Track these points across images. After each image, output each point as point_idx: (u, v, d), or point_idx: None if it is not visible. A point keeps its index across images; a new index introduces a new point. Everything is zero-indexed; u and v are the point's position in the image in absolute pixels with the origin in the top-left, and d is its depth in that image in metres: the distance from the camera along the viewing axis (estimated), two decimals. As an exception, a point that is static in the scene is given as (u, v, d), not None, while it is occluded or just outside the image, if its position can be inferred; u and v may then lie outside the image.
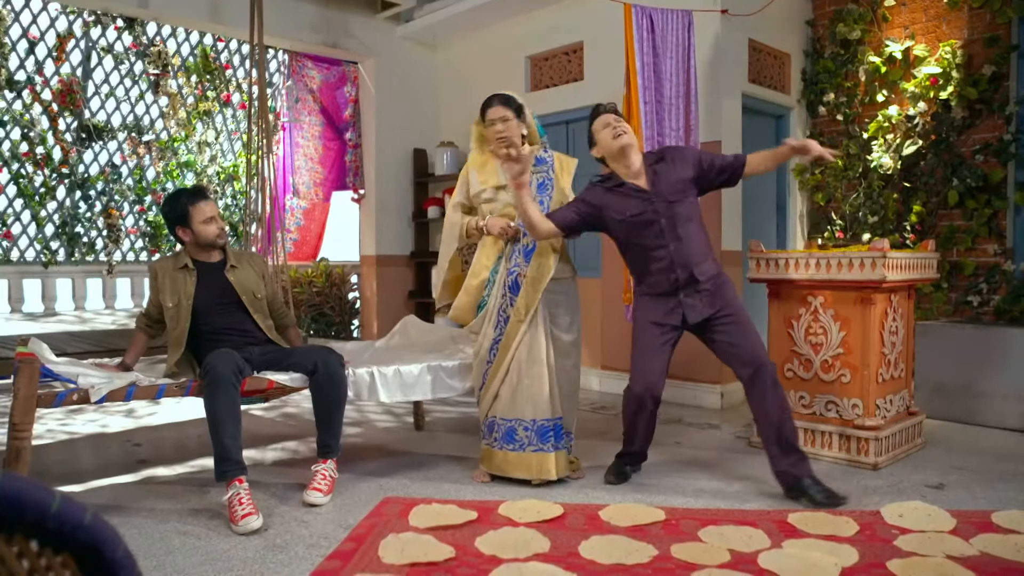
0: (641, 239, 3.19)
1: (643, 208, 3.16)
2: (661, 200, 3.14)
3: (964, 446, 3.97)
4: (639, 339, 3.29)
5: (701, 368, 5.13)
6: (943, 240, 5.12)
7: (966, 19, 5.10)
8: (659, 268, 3.17)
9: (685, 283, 3.15)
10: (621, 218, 3.20)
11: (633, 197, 3.19)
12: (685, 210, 3.17)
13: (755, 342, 3.12)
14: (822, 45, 5.77)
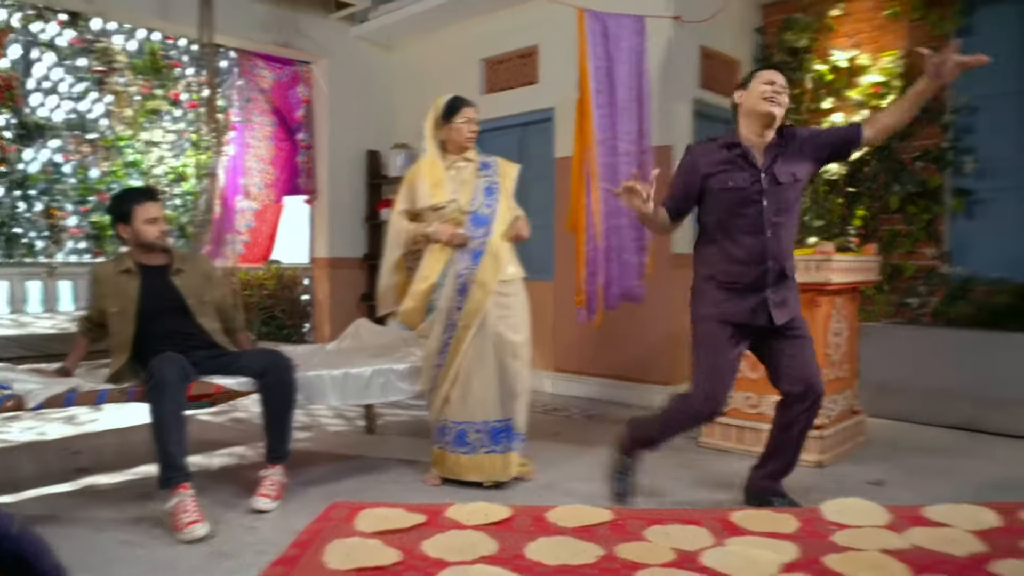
0: (735, 218, 2.77)
1: (749, 183, 2.74)
2: (770, 179, 2.74)
3: (905, 443, 4.09)
4: (710, 343, 2.83)
5: (651, 368, 5.19)
6: (885, 244, 5.27)
7: (907, 30, 5.26)
8: (749, 256, 2.76)
9: (776, 279, 2.77)
10: (721, 187, 2.78)
11: (740, 168, 2.77)
12: (791, 196, 2.78)
13: (814, 361, 2.85)
14: (771, 52, 5.89)
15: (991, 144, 4.96)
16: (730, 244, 2.79)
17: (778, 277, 2.77)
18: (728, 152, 2.80)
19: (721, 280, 2.82)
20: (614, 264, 4.32)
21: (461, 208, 3.34)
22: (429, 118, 3.45)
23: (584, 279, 4.20)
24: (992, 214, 5.00)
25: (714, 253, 2.85)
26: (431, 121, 3.44)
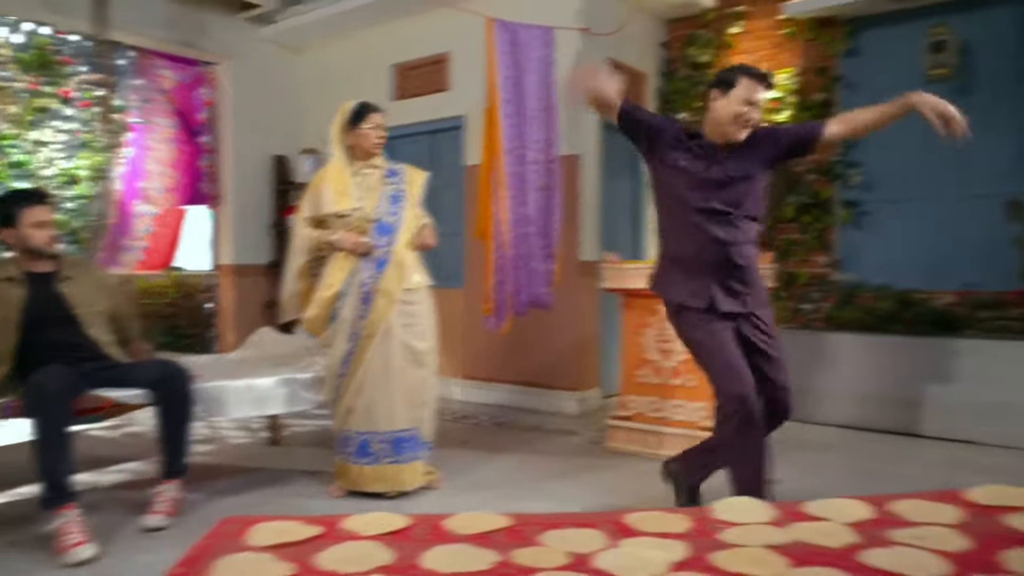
0: (681, 201, 2.69)
1: (700, 170, 2.66)
2: (722, 171, 2.65)
3: (799, 443, 4.28)
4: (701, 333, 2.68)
5: (560, 374, 5.26)
6: (781, 252, 5.51)
7: (801, 49, 5.53)
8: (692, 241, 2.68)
9: (719, 267, 2.67)
10: (673, 164, 2.70)
11: (696, 155, 2.69)
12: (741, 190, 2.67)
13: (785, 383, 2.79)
14: (676, 66, 6.08)
15: (876, 159, 5.26)
16: (676, 227, 2.76)
17: (723, 265, 2.66)
18: (690, 140, 2.72)
19: (672, 258, 2.80)
20: (522, 272, 4.37)
21: (366, 216, 3.31)
22: (336, 123, 3.40)
23: (492, 287, 4.23)
24: (877, 224, 5.30)
25: (666, 231, 2.82)
26: (338, 126, 3.39)
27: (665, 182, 2.76)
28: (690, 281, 2.71)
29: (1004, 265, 4.85)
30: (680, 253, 2.75)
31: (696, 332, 2.71)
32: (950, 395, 4.37)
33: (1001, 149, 4.89)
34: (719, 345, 2.65)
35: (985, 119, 4.92)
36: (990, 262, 4.91)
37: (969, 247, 4.99)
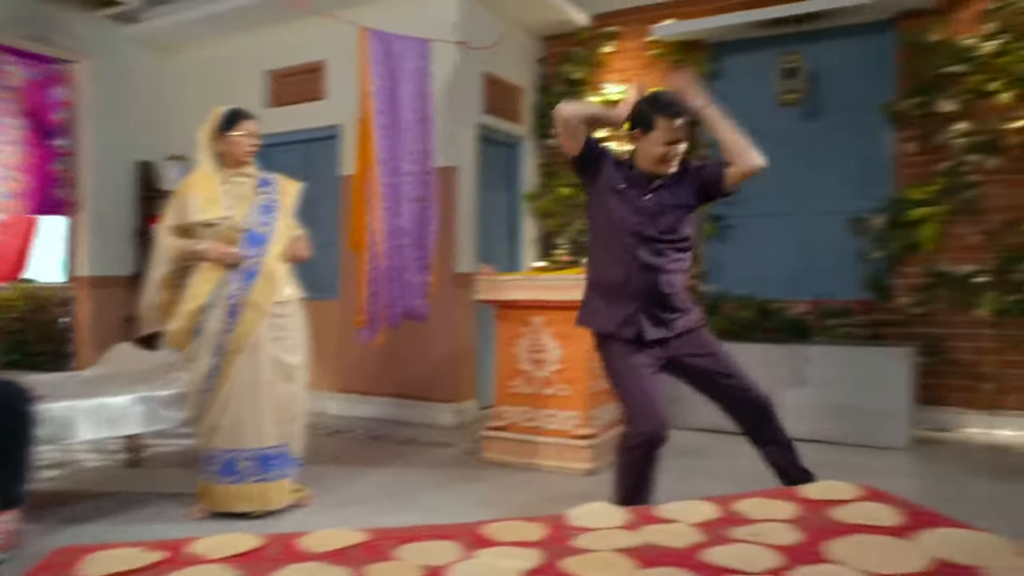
0: (613, 227, 2.69)
1: (634, 196, 2.66)
2: (653, 201, 2.66)
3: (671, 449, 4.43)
4: (620, 364, 2.70)
5: (436, 386, 5.24)
6: (652, 264, 5.72)
7: (669, 70, 5.77)
8: (619, 268, 2.68)
9: (644, 295, 2.65)
10: (612, 187, 2.68)
11: (632, 183, 2.68)
12: (671, 218, 2.66)
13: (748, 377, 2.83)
14: (552, 82, 6.22)
15: (737, 176, 5.56)
16: (606, 252, 2.74)
17: (650, 293, 2.65)
18: (627, 168, 2.72)
19: (599, 286, 2.79)
20: (396, 283, 4.33)
21: (236, 226, 3.20)
22: (205, 128, 3.28)
23: (366, 298, 4.18)
24: (739, 238, 5.61)
25: (596, 257, 2.81)
26: (208, 132, 3.27)
27: (606, 205, 2.71)
28: (617, 310, 2.69)
29: (850, 276, 5.23)
30: (608, 280, 2.73)
31: (617, 363, 2.70)
32: (804, 398, 4.65)
33: (846, 169, 5.28)
34: (636, 378, 2.66)
35: (832, 141, 5.33)
36: (838, 274, 5.29)
37: (820, 260, 5.35)
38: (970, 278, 4.82)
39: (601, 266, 2.78)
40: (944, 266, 4.92)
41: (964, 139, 4.79)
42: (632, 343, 2.67)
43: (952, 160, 4.86)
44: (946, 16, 4.93)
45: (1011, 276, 4.70)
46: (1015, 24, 4.69)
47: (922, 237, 4.91)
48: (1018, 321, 4.73)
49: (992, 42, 4.73)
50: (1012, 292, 4.70)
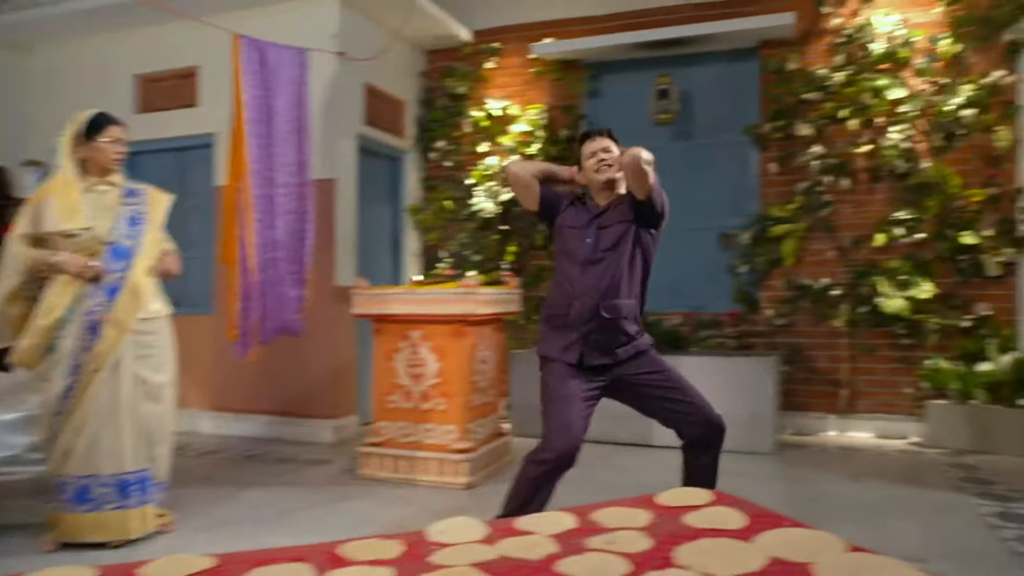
0: (565, 255, 2.81)
1: (579, 223, 2.79)
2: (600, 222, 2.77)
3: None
4: (554, 389, 2.76)
5: (316, 403, 5.12)
6: (533, 277, 5.81)
7: (549, 88, 5.91)
8: (566, 292, 2.76)
9: (588, 318, 2.70)
10: (560, 223, 2.84)
11: (581, 212, 2.82)
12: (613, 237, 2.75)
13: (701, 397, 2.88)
14: (435, 95, 6.22)
15: (614, 192, 5.73)
16: (556, 284, 2.84)
17: (590, 319, 2.69)
18: (581, 206, 2.85)
19: (547, 316, 2.86)
20: (270, 298, 4.21)
21: (99, 238, 3.02)
22: (68, 134, 3.09)
23: (238, 313, 4.03)
24: (616, 252, 5.77)
25: (549, 291, 2.91)
26: (70, 137, 3.08)
27: (563, 240, 2.83)
28: (561, 337, 2.75)
29: (722, 289, 5.48)
30: (554, 309, 2.80)
31: (553, 383, 2.76)
32: (676, 407, 4.82)
33: (717, 187, 5.55)
34: (565, 400, 2.72)
35: (704, 160, 5.58)
36: (711, 287, 5.53)
37: (694, 274, 5.59)
38: (827, 291, 5.16)
39: (550, 298, 2.87)
40: (804, 279, 5.23)
41: (818, 161, 5.14)
42: (573, 367, 2.73)
43: (809, 180, 5.20)
44: (803, 47, 5.27)
45: (861, 289, 5.06)
46: (859, 57, 5.08)
47: (784, 252, 5.21)
48: (868, 331, 5.09)
49: (841, 73, 5.09)
50: (862, 304, 5.06)
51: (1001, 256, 4.82)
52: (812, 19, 5.26)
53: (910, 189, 4.99)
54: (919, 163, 4.96)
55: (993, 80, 4.80)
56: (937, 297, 4.92)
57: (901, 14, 5.03)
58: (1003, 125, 4.82)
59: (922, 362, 4.93)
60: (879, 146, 5.04)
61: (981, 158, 4.90)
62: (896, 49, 4.99)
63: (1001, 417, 4.56)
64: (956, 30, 4.90)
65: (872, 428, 5.12)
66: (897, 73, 5.02)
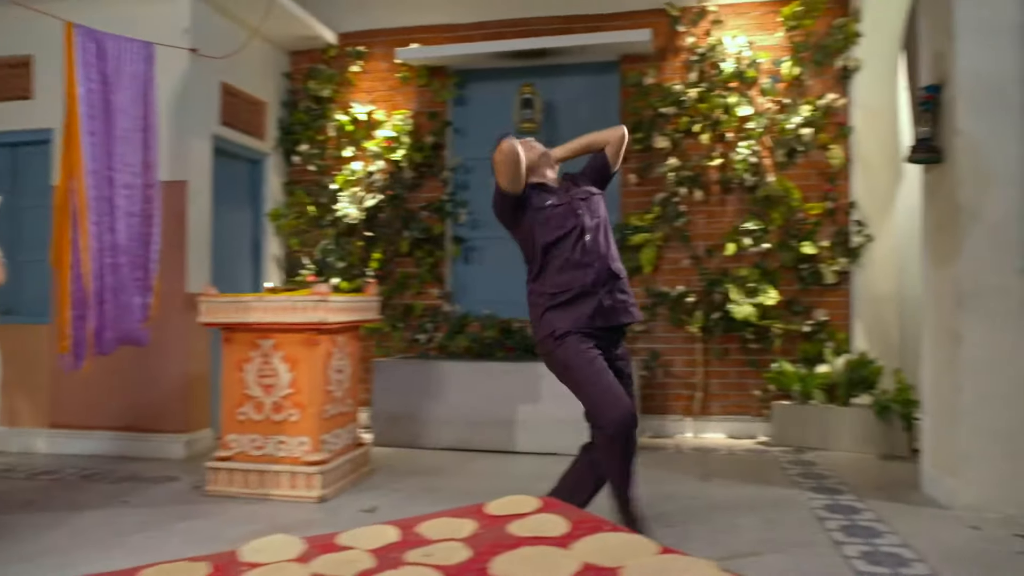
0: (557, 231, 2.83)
1: (562, 199, 2.90)
2: (578, 194, 2.93)
3: (406, 468, 4.44)
4: (581, 360, 2.74)
5: (166, 417, 4.84)
6: (398, 284, 5.74)
7: (415, 93, 5.86)
8: (578, 261, 2.80)
9: (606, 279, 2.79)
10: (540, 206, 2.87)
11: (552, 191, 2.94)
12: (598, 207, 2.95)
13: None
14: (298, 97, 6.05)
15: (480, 199, 5.76)
16: (564, 261, 2.81)
17: (608, 277, 2.80)
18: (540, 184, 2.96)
19: (563, 298, 2.80)
20: (110, 305, 3.94)
21: None
22: None
23: (70, 322, 3.75)
24: (481, 259, 5.80)
25: (550, 272, 2.85)
26: None
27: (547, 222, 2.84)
28: (584, 306, 2.76)
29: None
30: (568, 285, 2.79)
31: (570, 354, 2.75)
32: (539, 413, 4.88)
33: (578, 196, 5.65)
34: (595, 367, 2.72)
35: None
36: (572, 294, 5.63)
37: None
38: (682, 298, 5.36)
39: (556, 279, 2.82)
40: (661, 287, 5.42)
41: (674, 173, 5.34)
42: (587, 336, 2.75)
43: (665, 191, 5.40)
44: (660, 63, 5.48)
45: (714, 296, 5.29)
46: (711, 75, 5.33)
47: (642, 261, 5.38)
48: (720, 336, 5.33)
49: (695, 89, 5.33)
50: (715, 310, 5.29)
51: (837, 265, 5.17)
52: (669, 37, 5.48)
53: (757, 201, 5.27)
54: (765, 177, 5.25)
55: (828, 102, 5.16)
56: (781, 303, 5.22)
57: (748, 37, 5.32)
58: (836, 144, 5.17)
59: (769, 365, 5.21)
60: (730, 160, 5.30)
61: (819, 174, 5.25)
62: (744, 69, 5.27)
63: (836, 415, 4.88)
64: (795, 54, 5.23)
65: (724, 429, 5.36)
66: (745, 91, 5.30)
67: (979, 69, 3.42)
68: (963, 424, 3.46)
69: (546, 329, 2.82)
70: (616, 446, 2.69)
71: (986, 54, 3.41)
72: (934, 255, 3.76)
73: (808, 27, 5.23)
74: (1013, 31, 3.40)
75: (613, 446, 2.70)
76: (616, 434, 2.67)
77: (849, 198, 5.19)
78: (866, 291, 5.17)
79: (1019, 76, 3.39)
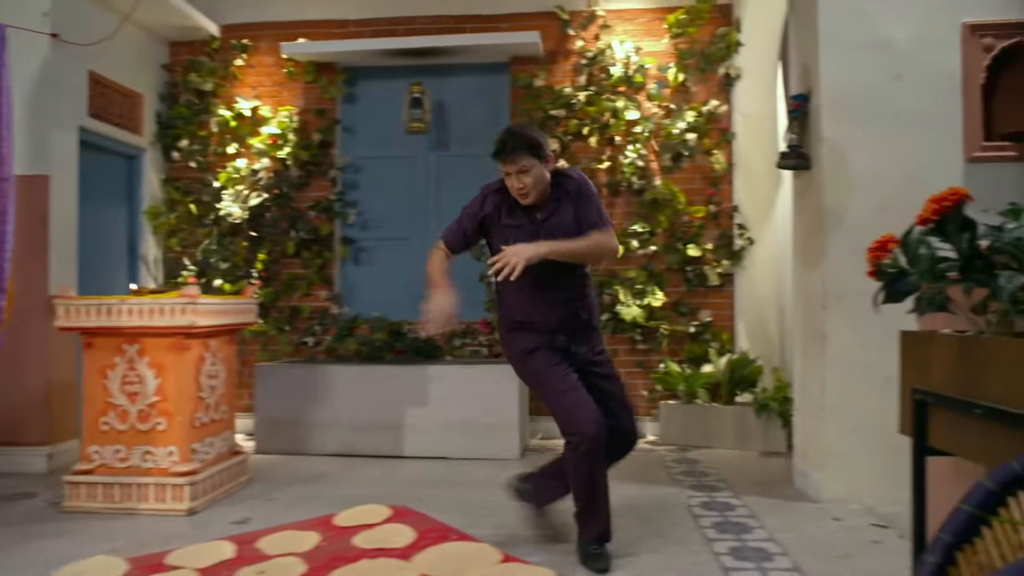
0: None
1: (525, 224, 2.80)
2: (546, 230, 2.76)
3: (287, 476, 4.29)
4: (544, 373, 2.77)
5: (25, 428, 4.52)
6: (285, 286, 5.56)
7: (302, 90, 5.70)
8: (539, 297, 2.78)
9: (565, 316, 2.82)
10: (506, 223, 2.82)
11: (521, 215, 2.81)
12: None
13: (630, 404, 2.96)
14: (178, 91, 5.78)
15: (369, 199, 5.65)
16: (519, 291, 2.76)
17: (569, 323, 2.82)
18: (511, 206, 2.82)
19: (518, 323, 2.85)
20: (-48, 309, 3.63)
21: None
22: None
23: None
24: (371, 260, 5.69)
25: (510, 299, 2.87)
26: None
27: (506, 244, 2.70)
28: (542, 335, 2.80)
29: (476, 298, 5.55)
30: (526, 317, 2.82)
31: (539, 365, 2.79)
32: (427, 417, 4.81)
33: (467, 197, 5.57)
34: (565, 384, 2.74)
35: (459, 170, 5.64)
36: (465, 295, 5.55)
37: (448, 282, 5.61)
38: (572, 299, 5.39)
39: (516, 308, 2.84)
40: (551, 289, 5.44)
41: (564, 175, 5.37)
42: (558, 351, 2.79)
43: (555, 193, 5.42)
44: (551, 65, 5.51)
45: (604, 298, 5.35)
46: (599, 79, 5.40)
47: (533, 262, 5.38)
48: (611, 337, 5.39)
49: (584, 92, 5.38)
50: (602, 312, 5.36)
51: (720, 267, 5.32)
52: (559, 40, 5.51)
53: (645, 204, 5.37)
54: (652, 180, 5.36)
55: (711, 108, 5.30)
56: (668, 305, 5.34)
57: (635, 42, 5.41)
58: (719, 149, 5.33)
59: (657, 366, 5.31)
60: (618, 163, 5.38)
61: (703, 178, 5.39)
62: (632, 74, 5.36)
63: (719, 414, 5.02)
64: (680, 61, 5.36)
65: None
66: (633, 96, 5.39)
67: (840, 81, 3.58)
68: (828, 420, 3.60)
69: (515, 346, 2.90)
70: (583, 453, 2.69)
71: (846, 67, 3.57)
72: (803, 258, 3.91)
73: (692, 35, 5.36)
74: (870, 47, 3.58)
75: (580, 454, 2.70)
76: (591, 444, 2.67)
77: (732, 202, 5.36)
78: (748, 292, 5.34)
79: (876, 88, 3.57)
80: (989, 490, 1.25)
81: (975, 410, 1.58)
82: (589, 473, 2.71)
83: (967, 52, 3.54)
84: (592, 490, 2.74)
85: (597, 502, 2.75)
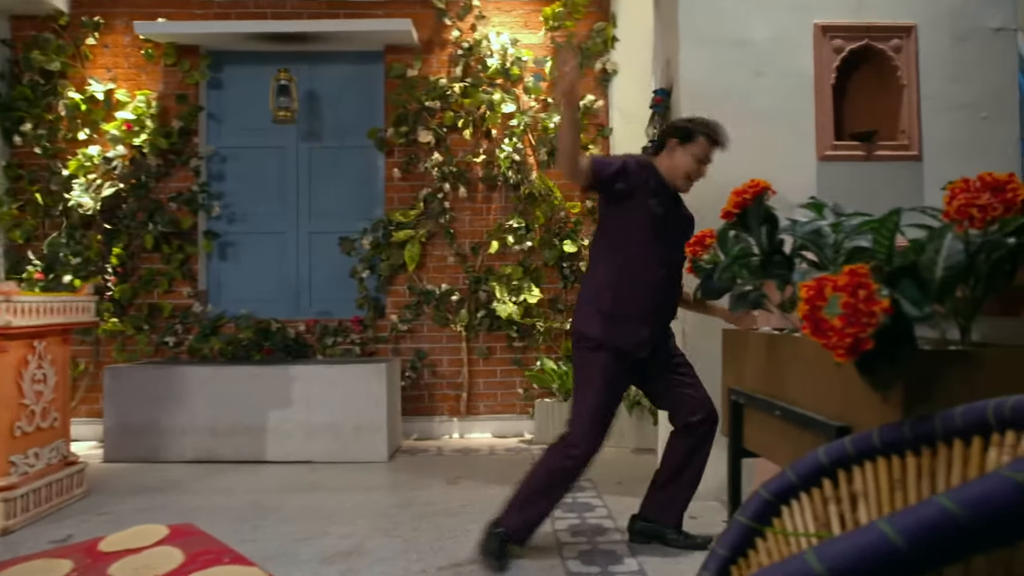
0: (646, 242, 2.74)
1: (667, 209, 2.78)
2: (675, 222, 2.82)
3: (132, 487, 4.00)
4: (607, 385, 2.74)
5: None
6: (144, 282, 5.22)
7: (161, 74, 5.35)
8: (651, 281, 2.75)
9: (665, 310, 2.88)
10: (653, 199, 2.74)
11: (665, 198, 2.79)
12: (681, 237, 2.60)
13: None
14: (19, 70, 5.32)
15: (236, 191, 5.37)
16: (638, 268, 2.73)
17: (667, 313, 2.88)
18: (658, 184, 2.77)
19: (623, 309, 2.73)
20: None
21: None
22: None
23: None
24: (238, 255, 5.40)
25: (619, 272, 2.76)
26: None
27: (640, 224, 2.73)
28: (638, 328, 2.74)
29: (348, 295, 5.36)
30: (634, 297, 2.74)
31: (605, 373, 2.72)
32: (290, 419, 4.58)
33: (344, 190, 5.43)
34: (615, 397, 2.79)
35: (329, 162, 5.43)
36: (337, 292, 5.38)
37: (319, 279, 5.41)
38: (448, 296, 5.28)
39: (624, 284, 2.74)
40: (427, 285, 5.31)
41: (438, 169, 5.24)
42: (630, 359, 2.75)
43: (430, 188, 5.29)
44: (426, 55, 5.36)
45: (479, 294, 5.26)
46: (476, 71, 5.29)
47: (406, 258, 5.24)
48: (486, 335, 5.30)
49: (459, 84, 5.26)
50: (480, 309, 5.26)
51: (597, 264, 5.29)
52: (435, 29, 5.37)
53: (521, 199, 5.29)
54: (529, 175, 5.28)
55: (587, 103, 5.27)
56: (544, 301, 5.28)
57: (512, 34, 5.32)
58: (596, 145, 5.31)
59: (534, 363, 5.25)
60: (494, 157, 5.28)
61: (580, 174, 5.35)
62: (509, 66, 5.27)
63: (593, 411, 4.99)
64: (557, 55, 5.30)
65: (491, 428, 5.35)
66: (510, 89, 5.30)
67: (700, 77, 3.57)
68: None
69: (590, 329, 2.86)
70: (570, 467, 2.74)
71: (703, 63, 3.57)
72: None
73: (570, 28, 5.32)
74: (730, 44, 3.59)
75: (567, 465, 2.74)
76: (580, 463, 2.74)
77: (608, 199, 5.33)
78: (624, 289, 5.33)
79: (735, 85, 3.58)
80: (765, 500, 1.19)
81: (775, 411, 1.54)
82: (548, 482, 2.76)
83: (819, 53, 3.60)
84: (536, 493, 2.77)
85: (530, 503, 2.78)
